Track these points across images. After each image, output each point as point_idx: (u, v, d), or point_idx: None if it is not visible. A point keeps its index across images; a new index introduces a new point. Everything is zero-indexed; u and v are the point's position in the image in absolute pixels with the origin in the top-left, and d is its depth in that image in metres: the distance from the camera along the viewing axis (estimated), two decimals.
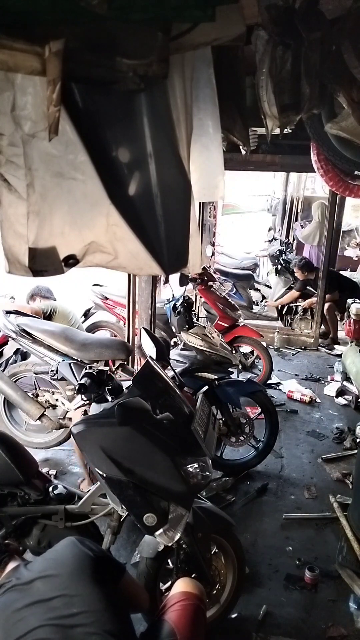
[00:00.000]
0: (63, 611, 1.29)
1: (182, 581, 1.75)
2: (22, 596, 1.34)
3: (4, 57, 1.16)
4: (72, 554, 1.44)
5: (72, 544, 1.48)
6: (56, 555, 1.47)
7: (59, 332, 3.53)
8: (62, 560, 1.43)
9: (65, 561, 1.42)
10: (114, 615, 1.33)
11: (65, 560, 1.43)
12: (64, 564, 1.42)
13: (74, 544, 1.48)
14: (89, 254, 1.62)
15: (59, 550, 1.48)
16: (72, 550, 1.45)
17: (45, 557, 1.48)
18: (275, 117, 2.06)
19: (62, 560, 1.43)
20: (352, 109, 1.95)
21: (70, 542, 1.49)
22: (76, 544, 1.48)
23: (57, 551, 1.48)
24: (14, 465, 2.11)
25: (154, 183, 1.59)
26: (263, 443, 3.52)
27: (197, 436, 1.97)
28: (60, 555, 1.46)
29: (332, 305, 5.89)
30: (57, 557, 1.45)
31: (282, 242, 7.00)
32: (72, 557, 1.43)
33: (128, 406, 1.82)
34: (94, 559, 1.43)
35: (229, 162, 2.63)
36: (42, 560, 1.47)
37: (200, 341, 3.45)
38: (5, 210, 1.40)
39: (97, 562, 1.44)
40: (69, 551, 1.45)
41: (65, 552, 1.46)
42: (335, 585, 2.61)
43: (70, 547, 1.47)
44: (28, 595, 1.34)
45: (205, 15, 1.26)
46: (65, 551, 1.46)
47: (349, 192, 4.00)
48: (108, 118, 1.50)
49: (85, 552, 1.44)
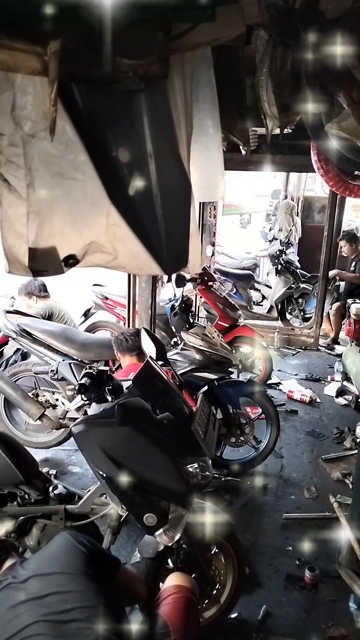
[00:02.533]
0: (57, 607, 1.31)
1: (174, 575, 1.77)
2: (17, 594, 1.36)
3: (4, 57, 1.16)
4: (65, 550, 1.46)
5: (66, 540, 1.49)
6: (50, 552, 1.48)
7: (59, 332, 3.53)
8: (55, 557, 1.45)
9: (59, 558, 1.44)
10: (108, 610, 1.34)
11: (58, 557, 1.44)
12: (58, 561, 1.43)
13: (67, 540, 1.49)
14: (89, 254, 1.63)
15: (53, 547, 1.50)
16: (65, 547, 1.47)
17: (39, 554, 1.50)
18: (275, 117, 2.06)
19: (55, 558, 1.45)
20: (352, 109, 1.95)
21: (64, 538, 1.50)
22: (69, 540, 1.49)
23: (50, 548, 1.50)
24: (14, 465, 2.11)
25: (154, 183, 1.59)
26: (263, 443, 3.51)
27: (197, 436, 1.97)
28: (54, 553, 1.47)
29: (340, 307, 5.86)
30: (51, 555, 1.47)
31: (282, 242, 6.98)
32: (65, 554, 1.45)
33: (128, 406, 1.82)
34: (87, 555, 1.45)
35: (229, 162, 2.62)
36: (37, 557, 1.49)
37: (200, 341, 3.45)
38: (5, 210, 1.40)
39: (91, 558, 1.45)
40: (62, 548, 1.47)
41: (58, 549, 1.48)
42: (335, 585, 2.61)
43: (64, 543, 1.48)
44: (23, 592, 1.36)
45: (205, 15, 1.26)
46: (59, 548, 1.48)
47: (349, 192, 4.00)
48: (108, 118, 1.50)
49: (79, 548, 1.46)
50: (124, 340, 2.94)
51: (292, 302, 6.69)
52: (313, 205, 8.84)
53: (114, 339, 3.07)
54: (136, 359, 2.94)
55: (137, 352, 2.93)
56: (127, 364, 2.95)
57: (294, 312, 6.74)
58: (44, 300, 4.12)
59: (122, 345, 2.95)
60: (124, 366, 2.94)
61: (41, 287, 4.12)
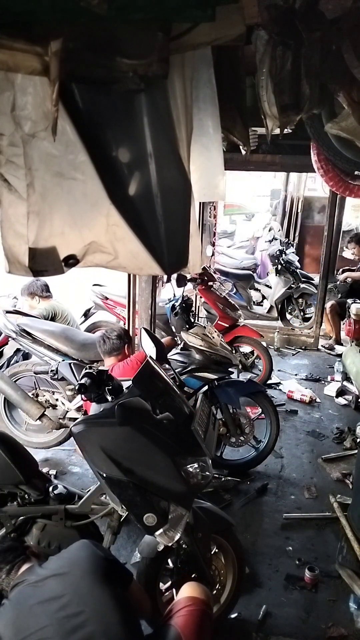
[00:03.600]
0: (73, 610, 1.33)
1: (188, 586, 1.75)
2: (35, 592, 1.39)
3: (4, 57, 1.16)
4: (86, 555, 1.49)
5: (86, 546, 1.53)
6: (70, 554, 1.52)
7: (59, 332, 3.53)
8: (75, 559, 1.48)
9: (79, 560, 1.47)
10: (123, 618, 1.37)
11: (79, 561, 1.48)
12: (77, 563, 1.47)
13: (88, 546, 1.53)
14: (89, 254, 1.63)
15: (73, 551, 1.53)
16: (86, 552, 1.50)
17: (60, 556, 1.53)
18: (276, 117, 2.06)
19: (75, 560, 1.48)
20: (352, 109, 1.95)
21: (84, 545, 1.55)
22: (90, 546, 1.53)
23: (71, 552, 1.54)
24: (14, 465, 2.11)
25: (154, 183, 1.59)
26: (263, 444, 3.52)
27: (197, 436, 1.97)
28: (74, 555, 1.51)
29: (335, 306, 5.87)
30: (71, 557, 1.50)
31: (282, 242, 6.98)
32: (85, 559, 1.48)
33: (128, 406, 1.82)
34: (106, 563, 1.49)
35: (229, 162, 2.62)
36: (57, 559, 1.52)
37: (200, 341, 3.45)
38: (5, 210, 1.40)
39: (109, 566, 1.49)
40: (83, 553, 1.50)
41: (79, 553, 1.51)
42: (335, 585, 2.61)
43: (84, 549, 1.52)
44: (41, 592, 1.39)
45: (205, 15, 1.26)
46: (80, 552, 1.51)
47: (349, 192, 4.00)
48: (108, 118, 1.50)
49: (99, 555, 1.50)
50: (102, 342, 2.98)
51: (292, 302, 6.69)
52: (313, 205, 8.84)
53: (96, 340, 3.09)
54: (115, 360, 2.96)
55: (116, 353, 2.96)
56: (108, 364, 2.97)
57: (294, 312, 6.73)
58: (46, 301, 4.12)
59: (101, 347, 2.98)
60: (106, 367, 2.93)
61: (44, 287, 4.11)
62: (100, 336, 3.03)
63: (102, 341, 2.99)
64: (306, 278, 6.71)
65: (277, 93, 1.98)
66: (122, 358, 2.98)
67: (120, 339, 2.98)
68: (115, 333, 3.00)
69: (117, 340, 2.96)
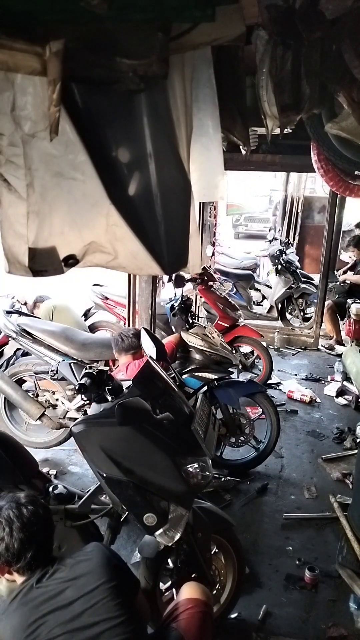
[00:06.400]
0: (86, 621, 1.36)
1: (188, 586, 1.75)
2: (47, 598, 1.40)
3: (4, 57, 1.16)
4: (99, 559, 1.51)
5: (99, 550, 1.55)
6: (86, 559, 1.52)
7: (59, 332, 3.53)
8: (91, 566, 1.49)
9: (95, 567, 1.48)
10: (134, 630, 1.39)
11: (94, 567, 1.49)
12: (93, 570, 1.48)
13: (101, 550, 1.55)
14: (89, 254, 1.63)
15: (89, 554, 1.54)
16: (99, 556, 1.52)
17: (75, 559, 1.54)
18: (276, 117, 2.06)
19: (91, 567, 1.49)
20: (352, 109, 1.95)
21: (97, 548, 1.57)
22: (103, 550, 1.55)
23: (84, 555, 1.54)
24: (14, 465, 2.11)
25: (153, 183, 1.59)
26: (264, 444, 3.51)
27: (197, 436, 1.97)
28: (90, 561, 1.51)
29: (332, 306, 5.87)
30: (87, 562, 1.51)
31: (282, 242, 6.98)
32: (101, 565, 1.49)
33: (128, 406, 1.82)
34: (119, 569, 1.52)
35: (229, 162, 2.62)
36: (72, 562, 1.52)
37: (200, 341, 3.45)
38: (5, 210, 1.40)
39: (121, 573, 1.51)
40: (96, 556, 1.52)
41: (92, 556, 1.52)
42: (335, 585, 2.61)
43: (97, 553, 1.54)
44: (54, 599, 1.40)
45: (205, 15, 1.26)
46: (92, 556, 1.52)
47: (349, 192, 3.99)
48: (108, 118, 1.50)
49: (112, 560, 1.52)
50: (120, 340, 3.01)
51: (292, 302, 6.69)
52: (313, 205, 8.84)
53: (112, 338, 3.12)
54: (131, 358, 3.00)
55: (133, 352, 3.00)
56: (123, 362, 3.00)
57: (294, 312, 6.73)
58: None
59: (119, 344, 3.02)
60: (121, 365, 2.99)
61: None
62: (118, 334, 3.07)
63: (120, 339, 3.02)
64: (306, 278, 6.70)
65: (277, 93, 1.98)
66: (138, 357, 3.01)
67: (137, 338, 3.00)
68: (132, 332, 3.03)
69: (134, 339, 2.99)
